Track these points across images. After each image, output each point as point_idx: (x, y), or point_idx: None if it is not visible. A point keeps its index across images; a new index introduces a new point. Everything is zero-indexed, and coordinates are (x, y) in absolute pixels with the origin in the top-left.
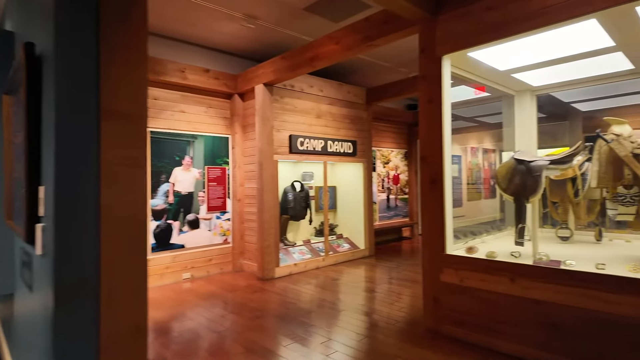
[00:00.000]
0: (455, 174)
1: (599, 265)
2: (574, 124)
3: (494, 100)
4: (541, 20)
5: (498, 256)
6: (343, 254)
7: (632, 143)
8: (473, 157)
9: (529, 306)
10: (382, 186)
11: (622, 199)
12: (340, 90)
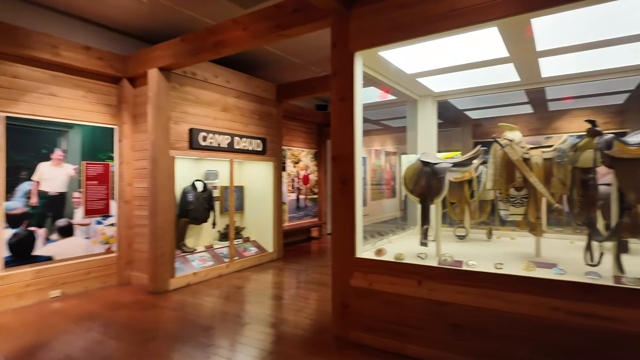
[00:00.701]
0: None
1: (497, 265)
2: (465, 130)
3: (398, 104)
4: (449, 22)
5: (405, 258)
6: (250, 259)
7: (522, 148)
8: (377, 159)
9: (434, 308)
10: (292, 186)
11: (513, 200)
12: (249, 84)
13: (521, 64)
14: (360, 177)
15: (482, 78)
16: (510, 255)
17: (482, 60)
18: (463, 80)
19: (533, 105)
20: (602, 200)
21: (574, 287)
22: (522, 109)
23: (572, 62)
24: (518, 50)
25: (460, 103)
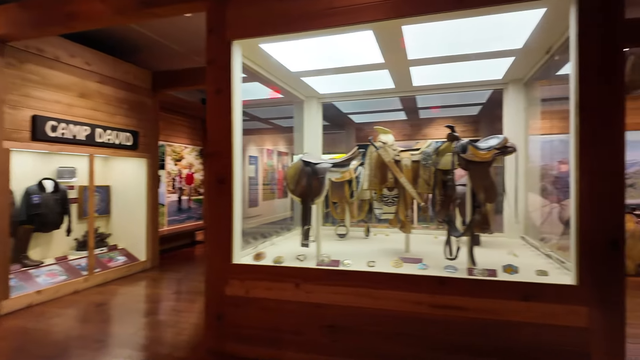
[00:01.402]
0: (252, 174)
1: (369, 263)
2: (349, 133)
3: (286, 103)
4: (327, 21)
5: (285, 261)
6: (116, 270)
7: (394, 150)
8: (269, 159)
9: (312, 311)
10: (173, 186)
11: (386, 199)
12: (118, 69)
13: (395, 71)
14: (239, 177)
15: (362, 83)
16: (384, 252)
17: (361, 65)
18: (345, 83)
19: (406, 112)
20: (460, 199)
21: (434, 281)
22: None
23: (438, 73)
24: (392, 58)
25: (344, 106)
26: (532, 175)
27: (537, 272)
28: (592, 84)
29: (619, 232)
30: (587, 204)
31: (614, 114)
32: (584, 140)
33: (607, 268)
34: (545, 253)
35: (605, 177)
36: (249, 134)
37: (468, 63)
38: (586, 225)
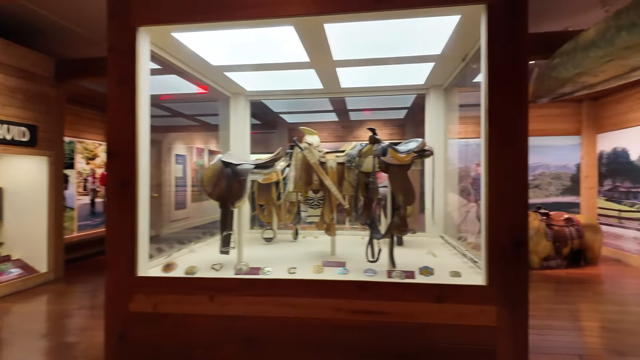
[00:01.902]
0: (179, 174)
1: (290, 269)
2: (282, 133)
3: (211, 99)
4: (241, 12)
5: (199, 271)
6: (8, 284)
7: (319, 152)
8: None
9: (227, 324)
10: (85, 187)
11: (311, 202)
12: (10, 53)
13: (321, 71)
14: (146, 179)
15: (291, 81)
16: (310, 256)
17: (287, 62)
18: (274, 81)
19: (337, 113)
20: (384, 201)
21: (353, 286)
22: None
23: (365, 76)
24: (317, 57)
25: (275, 105)
26: (452, 176)
27: (451, 274)
28: (499, 90)
29: (523, 232)
30: (495, 204)
31: (518, 120)
32: (492, 143)
33: (512, 267)
34: (461, 252)
35: (510, 179)
36: (175, 131)
37: (393, 67)
38: (494, 226)
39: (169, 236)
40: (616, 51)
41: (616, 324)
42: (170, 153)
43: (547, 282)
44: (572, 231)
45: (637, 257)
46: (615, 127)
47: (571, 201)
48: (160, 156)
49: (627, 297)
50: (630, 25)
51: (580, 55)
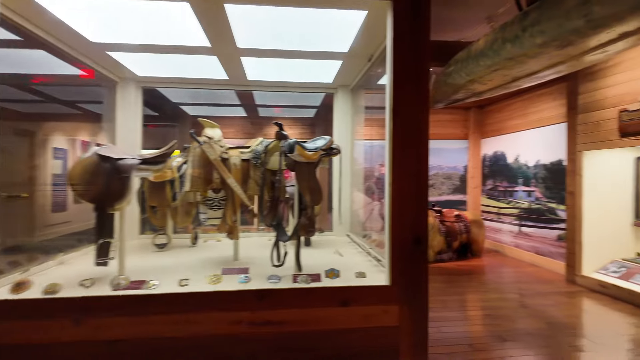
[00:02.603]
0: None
1: (182, 281)
2: (184, 127)
3: (93, 83)
4: None
5: (63, 289)
6: None
7: (221, 147)
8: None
9: (101, 350)
10: None
11: (211, 203)
12: None
13: (225, 59)
14: None
15: (192, 69)
16: (210, 262)
17: (185, 46)
18: (171, 66)
19: (246, 109)
20: (292, 200)
21: (254, 296)
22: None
23: (273, 69)
24: (219, 42)
25: (175, 95)
26: (358, 176)
27: (357, 275)
28: (403, 90)
29: (423, 230)
30: (398, 203)
31: (421, 121)
32: (395, 144)
33: (414, 265)
34: (366, 251)
35: (412, 178)
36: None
37: (302, 63)
38: (397, 225)
39: (38, 245)
40: (501, 61)
41: (497, 310)
42: (46, 146)
43: (440, 274)
44: (461, 226)
45: (512, 248)
46: (496, 133)
47: (460, 199)
48: (32, 149)
49: (505, 285)
50: (514, 38)
51: (472, 64)
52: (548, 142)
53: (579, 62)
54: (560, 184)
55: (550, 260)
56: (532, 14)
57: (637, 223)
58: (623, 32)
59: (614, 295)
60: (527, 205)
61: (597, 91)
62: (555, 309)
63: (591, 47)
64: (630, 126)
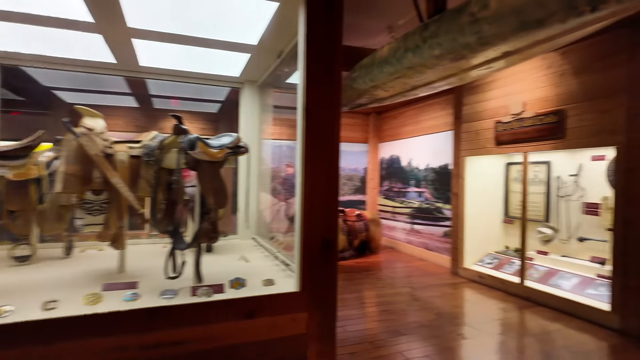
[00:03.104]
0: None
1: (47, 304)
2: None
3: None
4: None
5: None
6: None
7: (104, 140)
8: None
9: None
10: None
11: (90, 207)
12: None
13: (112, 39)
14: None
15: (68, 47)
16: (87, 277)
17: (61, 18)
18: (40, 42)
19: (138, 99)
20: (192, 203)
21: (143, 315)
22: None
23: (171, 56)
24: (104, 19)
25: (48, 78)
26: (265, 176)
27: (264, 282)
28: (316, 91)
29: (333, 233)
30: (308, 206)
31: (333, 123)
32: (307, 144)
33: (323, 269)
34: (273, 254)
35: (323, 181)
36: None
37: (204, 52)
38: (307, 228)
39: None
40: (402, 69)
41: (393, 305)
42: None
43: (342, 272)
44: (362, 225)
45: (405, 245)
46: (392, 138)
47: (360, 199)
48: None
49: (398, 279)
50: (415, 48)
51: (376, 70)
52: (437, 147)
53: (467, 75)
54: (446, 185)
55: (437, 254)
56: (432, 27)
57: (506, 220)
58: (505, 51)
59: (489, 284)
60: (418, 205)
61: (478, 104)
62: (442, 300)
63: (479, 62)
64: (503, 136)
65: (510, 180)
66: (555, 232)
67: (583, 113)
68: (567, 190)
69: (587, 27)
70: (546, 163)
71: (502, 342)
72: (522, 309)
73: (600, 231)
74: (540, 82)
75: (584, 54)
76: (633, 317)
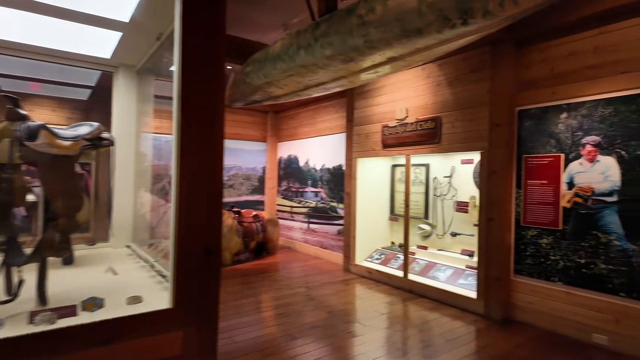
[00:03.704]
0: None
1: None
2: None
3: None
4: None
5: None
6: None
7: None
8: None
9: None
10: None
11: None
12: None
13: None
14: None
15: None
16: None
17: None
18: None
19: None
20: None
21: None
22: None
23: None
24: None
25: None
26: (146, 175)
27: (129, 300)
28: (195, 77)
29: (215, 239)
30: (185, 208)
31: (216, 114)
32: (184, 138)
33: (203, 281)
34: (150, 264)
35: (204, 179)
36: None
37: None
38: (184, 234)
39: None
40: (295, 67)
41: (288, 307)
42: None
43: (236, 277)
44: (259, 226)
45: (302, 244)
46: (290, 138)
47: (258, 199)
48: None
49: (294, 280)
50: (307, 46)
51: (269, 66)
52: (331, 149)
53: (357, 79)
54: (340, 185)
55: (331, 252)
56: (323, 26)
57: (392, 218)
58: (390, 57)
59: (377, 279)
60: (314, 204)
61: (368, 108)
62: (335, 297)
63: (367, 66)
64: (389, 139)
65: (396, 180)
66: (433, 228)
67: (455, 121)
68: (443, 190)
69: (461, 39)
70: (425, 165)
71: (388, 336)
72: (406, 301)
73: (469, 226)
74: (421, 91)
75: (457, 67)
76: (494, 303)
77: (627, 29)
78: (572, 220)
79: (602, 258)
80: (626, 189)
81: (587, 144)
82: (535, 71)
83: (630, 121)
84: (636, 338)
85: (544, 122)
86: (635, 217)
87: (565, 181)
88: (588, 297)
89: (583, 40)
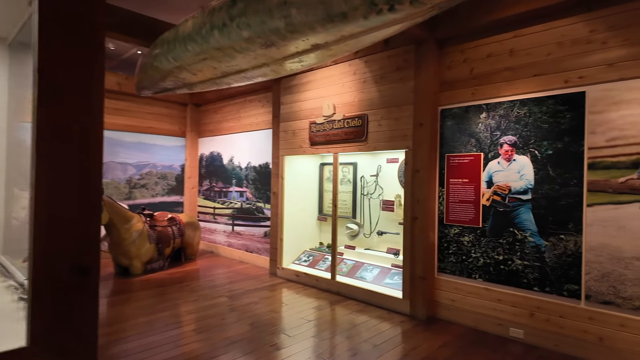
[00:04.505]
0: None
1: None
2: None
3: None
4: None
5: None
6: None
7: None
8: None
9: None
10: None
11: None
12: None
13: None
14: None
15: None
16: None
17: None
18: None
19: None
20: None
21: None
22: None
23: None
24: None
25: None
26: (23, 171)
27: None
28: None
29: (92, 253)
30: (47, 216)
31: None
32: (43, 123)
33: (75, 307)
34: (19, 282)
35: (73, 178)
36: None
37: None
38: (43, 249)
39: None
40: (210, 50)
41: (208, 321)
42: None
43: (149, 288)
44: (175, 230)
45: (225, 248)
46: (213, 133)
47: (176, 200)
48: None
49: (216, 288)
50: (221, 26)
51: (179, 48)
52: (257, 146)
53: (281, 68)
54: (267, 185)
55: (258, 256)
56: (239, 4)
57: (320, 217)
58: (315, 44)
59: (305, 283)
60: (239, 205)
61: (295, 103)
62: (259, 306)
63: (290, 53)
64: (317, 136)
65: (324, 179)
66: (360, 228)
67: (381, 119)
68: (370, 189)
69: (388, 28)
70: (353, 164)
71: (315, 346)
72: (334, 305)
73: (394, 225)
74: (347, 87)
75: (382, 65)
76: (419, 302)
77: (538, 33)
78: (491, 218)
79: (518, 254)
80: (539, 187)
81: (504, 144)
82: (456, 71)
83: (542, 122)
84: (549, 331)
85: (465, 121)
86: (547, 214)
87: (485, 180)
88: (505, 293)
89: (500, 43)
